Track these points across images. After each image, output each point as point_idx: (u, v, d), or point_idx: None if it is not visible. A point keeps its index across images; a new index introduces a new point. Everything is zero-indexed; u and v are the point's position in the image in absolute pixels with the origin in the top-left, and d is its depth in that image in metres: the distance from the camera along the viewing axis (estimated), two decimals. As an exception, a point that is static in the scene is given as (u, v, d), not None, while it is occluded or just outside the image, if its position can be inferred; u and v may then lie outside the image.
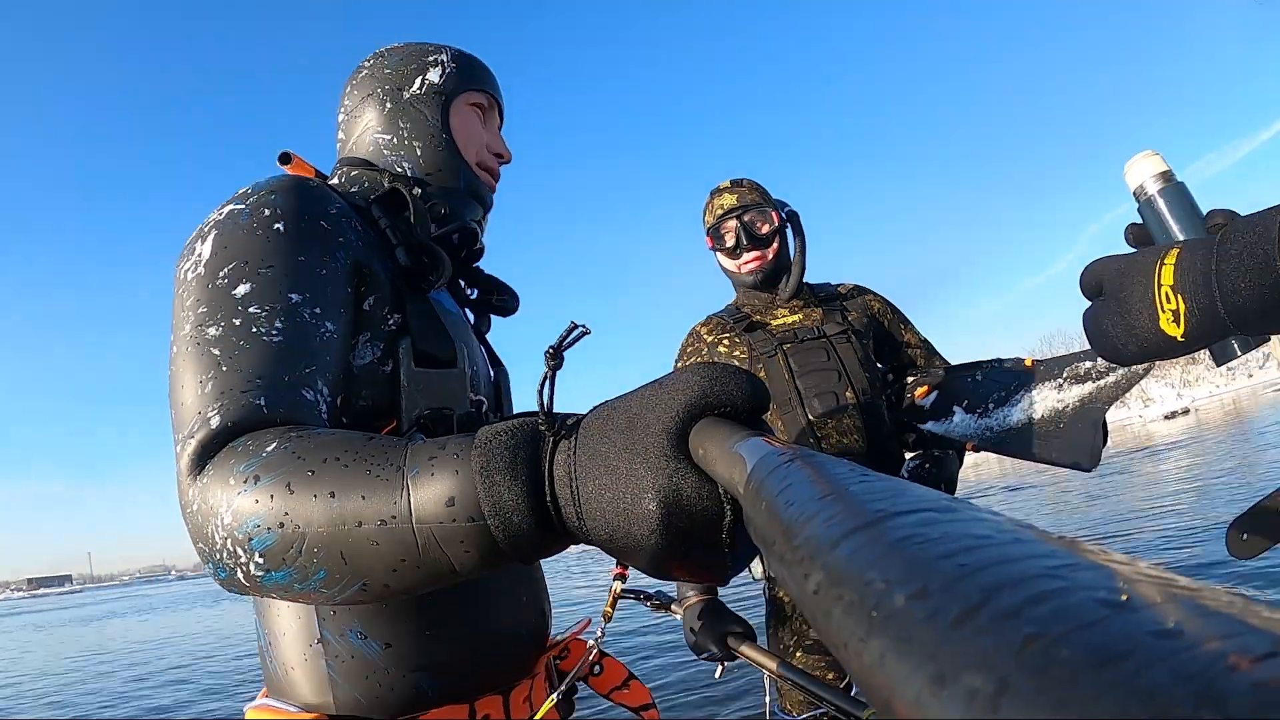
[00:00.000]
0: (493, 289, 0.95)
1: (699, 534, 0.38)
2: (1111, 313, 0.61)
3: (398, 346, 0.72)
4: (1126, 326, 0.59)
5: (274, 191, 0.67)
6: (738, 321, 1.63)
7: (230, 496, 0.49)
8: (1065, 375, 1.34)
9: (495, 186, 0.93)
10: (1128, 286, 0.59)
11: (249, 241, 0.63)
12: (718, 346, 1.62)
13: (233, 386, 0.56)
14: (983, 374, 1.50)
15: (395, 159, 0.86)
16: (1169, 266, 0.56)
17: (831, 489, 0.21)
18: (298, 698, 0.70)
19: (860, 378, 1.56)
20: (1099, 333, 0.63)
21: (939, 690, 0.12)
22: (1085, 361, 1.33)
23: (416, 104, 0.87)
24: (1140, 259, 0.59)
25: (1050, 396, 1.35)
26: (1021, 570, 0.13)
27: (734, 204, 1.61)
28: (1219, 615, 0.11)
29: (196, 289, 0.62)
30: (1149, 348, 0.59)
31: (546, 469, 0.43)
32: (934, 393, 1.57)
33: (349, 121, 0.90)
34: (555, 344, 0.45)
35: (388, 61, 0.89)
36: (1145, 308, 0.58)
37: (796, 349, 1.57)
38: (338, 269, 0.67)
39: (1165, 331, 0.57)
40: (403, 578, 0.46)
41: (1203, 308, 0.54)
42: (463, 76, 0.90)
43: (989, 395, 1.45)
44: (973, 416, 1.46)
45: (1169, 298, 0.56)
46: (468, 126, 0.89)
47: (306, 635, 0.69)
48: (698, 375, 0.39)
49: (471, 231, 0.87)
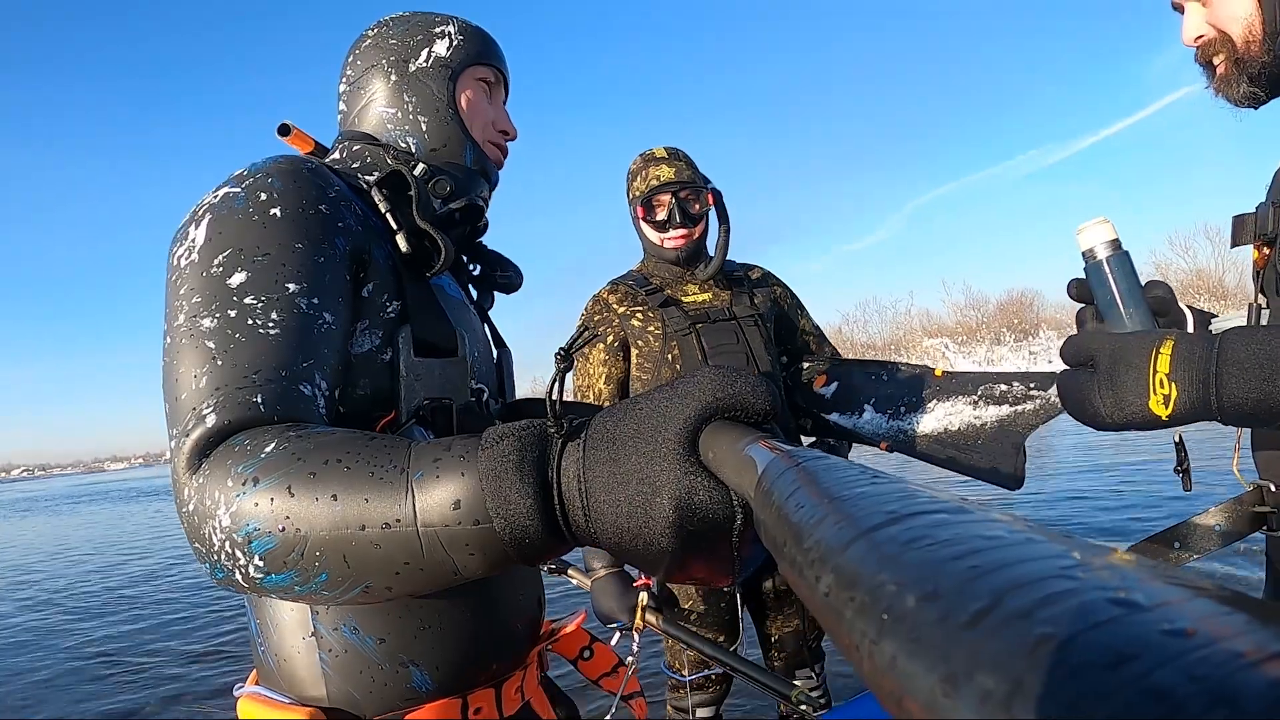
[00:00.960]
0: (496, 265, 0.94)
1: (709, 536, 0.38)
2: (1101, 386, 0.68)
3: (397, 335, 0.71)
4: (1115, 401, 0.67)
5: (271, 174, 0.66)
6: (650, 294, 1.61)
7: (228, 498, 0.48)
8: (980, 394, 1.37)
9: (502, 163, 0.92)
10: (1122, 367, 0.67)
11: (245, 227, 0.62)
12: (631, 319, 1.60)
13: (228, 382, 0.55)
14: (888, 374, 1.52)
15: (400, 134, 0.84)
16: (1165, 356, 0.64)
17: (842, 492, 0.21)
18: (290, 689, 0.69)
19: (765, 360, 1.59)
20: (1081, 399, 0.70)
21: (952, 691, 0.12)
22: (1000, 385, 1.36)
23: (423, 78, 0.85)
24: (1135, 343, 0.67)
25: (966, 411, 1.37)
26: (1033, 571, 0.13)
27: (671, 178, 1.58)
28: (1232, 614, 0.11)
29: (190, 277, 0.61)
30: (1133, 422, 0.67)
31: (554, 472, 0.43)
32: (833, 382, 1.59)
33: (351, 93, 0.87)
34: (565, 346, 0.45)
35: (393, 31, 0.87)
36: (1138, 389, 0.65)
37: (708, 329, 1.57)
38: (336, 256, 0.66)
39: (1153, 411, 0.65)
40: (405, 580, 0.46)
41: (1195, 399, 0.63)
42: (470, 50, 0.87)
43: (899, 398, 1.47)
44: (883, 417, 1.48)
45: (1162, 383, 0.64)
46: (475, 102, 0.87)
47: (300, 628, 0.69)
48: (710, 379, 0.39)
49: (477, 208, 0.86)
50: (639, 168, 1.63)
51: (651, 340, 1.58)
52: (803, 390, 1.64)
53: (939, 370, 1.46)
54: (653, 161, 1.62)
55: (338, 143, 0.87)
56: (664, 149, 1.64)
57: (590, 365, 1.62)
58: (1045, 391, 1.30)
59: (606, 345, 1.61)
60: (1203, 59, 0.82)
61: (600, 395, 1.62)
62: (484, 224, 0.91)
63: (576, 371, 1.66)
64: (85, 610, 6.11)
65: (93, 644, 4.96)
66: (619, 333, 1.61)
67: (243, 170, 0.67)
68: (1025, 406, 1.32)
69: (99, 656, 4.60)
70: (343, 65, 0.90)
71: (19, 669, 4.58)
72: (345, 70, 0.89)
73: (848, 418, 1.53)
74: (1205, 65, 0.83)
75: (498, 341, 0.94)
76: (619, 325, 1.61)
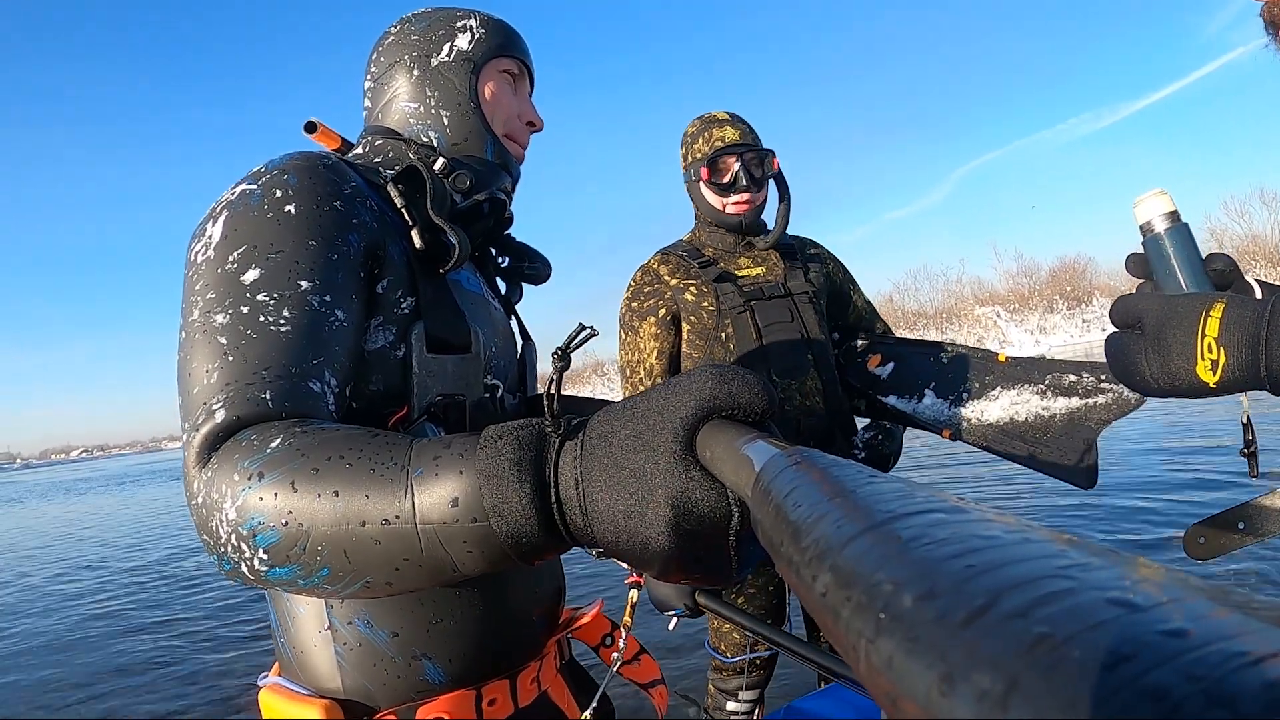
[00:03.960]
0: (524, 257, 0.94)
1: (706, 536, 0.38)
2: (1148, 349, 0.65)
3: (410, 331, 0.71)
4: (1162, 364, 0.64)
5: (287, 171, 0.66)
6: (703, 266, 1.55)
7: (234, 492, 0.49)
8: (1048, 382, 1.32)
9: (523, 158, 0.92)
10: (1170, 329, 0.64)
11: (260, 224, 0.63)
12: (684, 293, 1.54)
13: (238, 378, 0.56)
14: (948, 357, 1.47)
15: (422, 128, 0.84)
16: (1214, 319, 0.61)
17: (839, 490, 0.21)
18: (309, 681, 0.71)
19: (820, 339, 1.54)
20: (1128, 363, 0.68)
21: (949, 690, 0.12)
22: (1069, 374, 1.30)
23: (445, 71, 0.85)
24: (1184, 305, 0.64)
25: (1034, 402, 1.32)
26: (1030, 570, 0.13)
27: (737, 140, 1.52)
28: (1229, 614, 0.11)
29: (206, 273, 0.61)
30: (1179, 388, 0.64)
31: (552, 471, 0.43)
32: (889, 363, 1.55)
33: (375, 89, 0.88)
34: (563, 345, 0.45)
35: (415, 27, 0.87)
36: (1186, 352, 0.62)
37: (762, 306, 1.52)
38: (350, 253, 0.66)
39: (1200, 377, 0.62)
40: (405, 576, 0.47)
41: (1244, 364, 0.60)
42: (493, 43, 0.88)
43: (960, 383, 1.42)
44: (945, 403, 1.43)
45: (1211, 348, 0.61)
46: (498, 95, 0.87)
47: (316, 621, 0.70)
48: (707, 378, 0.39)
49: (500, 201, 0.86)
50: (699, 129, 1.56)
51: (705, 317, 1.51)
52: (857, 370, 1.59)
53: (1003, 355, 1.41)
54: (715, 124, 1.55)
55: (361, 139, 0.88)
56: (725, 112, 1.57)
57: (641, 340, 1.57)
58: (1118, 385, 1.24)
59: (658, 319, 1.55)
60: (1268, 15, 0.76)
61: (653, 371, 1.56)
62: (509, 216, 0.91)
63: (625, 345, 1.60)
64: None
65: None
66: (670, 306, 1.55)
67: (260, 167, 0.68)
68: (1097, 400, 1.26)
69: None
70: (367, 62, 0.91)
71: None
72: (369, 67, 0.90)
73: (906, 401, 1.48)
74: (1271, 24, 0.76)
75: (524, 335, 0.94)
76: (671, 298, 1.55)
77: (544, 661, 0.80)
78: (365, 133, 0.87)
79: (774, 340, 1.51)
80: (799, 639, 1.10)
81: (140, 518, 12.47)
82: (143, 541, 9.18)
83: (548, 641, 0.82)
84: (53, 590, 6.74)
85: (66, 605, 6.00)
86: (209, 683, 3.70)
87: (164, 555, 7.80)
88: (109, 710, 3.55)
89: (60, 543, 10.22)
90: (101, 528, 11.55)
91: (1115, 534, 4.15)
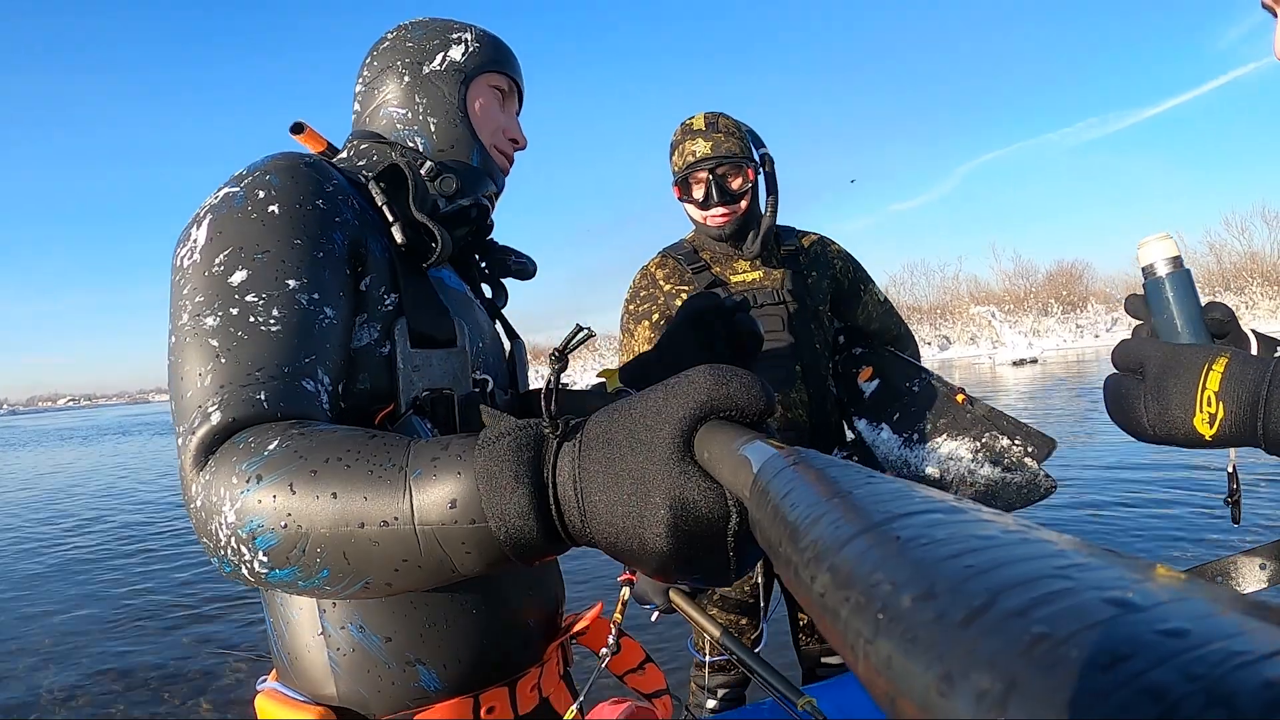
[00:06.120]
0: (509, 256, 0.94)
1: (704, 537, 0.38)
2: (1147, 395, 0.66)
3: (394, 327, 0.71)
4: (1160, 412, 0.64)
5: (269, 172, 0.67)
6: (696, 272, 1.55)
7: (233, 495, 0.49)
8: (984, 441, 1.38)
9: (508, 170, 0.92)
10: (1171, 378, 0.64)
11: (244, 225, 0.63)
12: (675, 299, 1.54)
13: (232, 379, 0.56)
14: (919, 386, 1.50)
15: (408, 133, 0.85)
16: (1217, 373, 0.62)
17: (837, 491, 0.21)
18: (304, 687, 0.70)
19: (811, 348, 1.54)
20: (1126, 407, 0.68)
21: (947, 690, 0.12)
22: (1003, 438, 1.36)
23: (436, 80, 0.85)
24: (1187, 356, 0.64)
25: (965, 460, 1.39)
26: (1028, 570, 0.13)
27: (707, 153, 1.48)
28: (1227, 613, 0.11)
29: (193, 276, 0.61)
30: (1174, 437, 0.65)
31: (550, 472, 0.43)
32: (876, 379, 1.56)
33: (366, 93, 0.88)
34: (560, 346, 0.45)
35: (411, 35, 0.88)
36: (1185, 403, 0.63)
37: (753, 313, 1.48)
38: (335, 251, 0.66)
39: (1196, 429, 0.62)
40: (404, 577, 0.47)
41: (1241, 421, 0.60)
42: (485, 57, 0.88)
43: (918, 419, 1.47)
44: (899, 440, 1.48)
45: (1210, 401, 0.61)
46: (486, 108, 0.88)
47: (310, 626, 0.69)
48: (704, 378, 0.39)
49: (484, 207, 0.86)
50: (677, 140, 1.54)
51: None
52: (847, 382, 1.60)
53: (960, 396, 1.45)
54: (689, 134, 1.51)
55: (348, 142, 0.88)
56: (704, 117, 1.53)
57: (635, 343, 1.58)
58: (1036, 464, 1.31)
59: (652, 323, 1.57)
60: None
61: None
62: (490, 223, 0.91)
63: (622, 348, 1.61)
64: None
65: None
66: (664, 310, 1.56)
67: (242, 170, 0.68)
68: (1013, 478, 1.32)
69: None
70: (360, 67, 0.91)
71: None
72: (362, 71, 0.90)
73: (872, 429, 1.52)
74: (1269, 8, 0.74)
75: (510, 334, 0.94)
76: (664, 303, 1.57)
77: (545, 668, 0.80)
78: (352, 136, 0.88)
79: (763, 350, 1.51)
80: (756, 655, 1.11)
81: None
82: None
83: (548, 647, 0.82)
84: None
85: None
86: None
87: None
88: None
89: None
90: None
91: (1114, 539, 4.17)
